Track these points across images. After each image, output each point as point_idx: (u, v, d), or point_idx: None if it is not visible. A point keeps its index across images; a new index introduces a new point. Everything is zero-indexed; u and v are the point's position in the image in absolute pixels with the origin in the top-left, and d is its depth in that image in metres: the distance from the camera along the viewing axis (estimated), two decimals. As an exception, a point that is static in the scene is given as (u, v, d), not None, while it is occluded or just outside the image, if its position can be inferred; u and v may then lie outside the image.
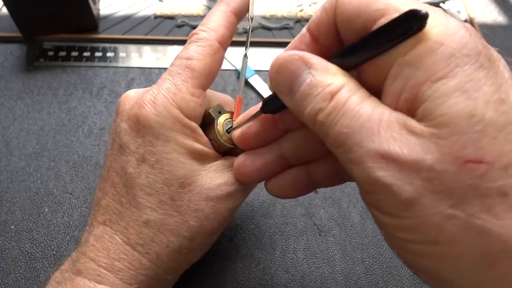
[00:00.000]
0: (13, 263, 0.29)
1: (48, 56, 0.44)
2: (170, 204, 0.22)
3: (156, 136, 0.22)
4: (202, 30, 0.23)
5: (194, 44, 0.23)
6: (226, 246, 0.30)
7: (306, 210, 0.33)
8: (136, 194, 0.22)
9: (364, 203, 0.18)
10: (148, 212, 0.22)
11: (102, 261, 0.21)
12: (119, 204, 0.22)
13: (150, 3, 0.50)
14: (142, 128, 0.22)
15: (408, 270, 0.30)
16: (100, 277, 0.21)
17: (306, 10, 0.50)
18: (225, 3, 0.24)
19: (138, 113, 0.22)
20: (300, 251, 0.30)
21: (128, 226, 0.22)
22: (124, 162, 0.22)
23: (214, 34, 0.23)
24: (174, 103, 0.22)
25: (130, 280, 0.22)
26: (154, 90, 0.23)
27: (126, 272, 0.22)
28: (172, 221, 0.22)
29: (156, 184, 0.22)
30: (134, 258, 0.22)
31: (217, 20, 0.24)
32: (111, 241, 0.22)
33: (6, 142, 0.36)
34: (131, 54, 0.44)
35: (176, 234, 0.22)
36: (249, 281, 0.29)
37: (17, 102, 0.40)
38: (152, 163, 0.22)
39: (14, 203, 0.32)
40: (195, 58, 0.23)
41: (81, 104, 0.40)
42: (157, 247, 0.22)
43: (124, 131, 0.22)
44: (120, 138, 0.23)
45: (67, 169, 0.35)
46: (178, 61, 0.23)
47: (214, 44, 0.23)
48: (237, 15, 0.24)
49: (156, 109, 0.22)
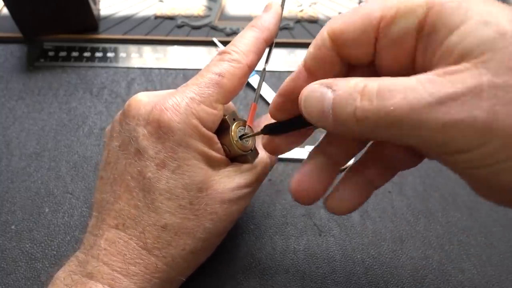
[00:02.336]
0: (13, 263, 0.29)
1: (48, 56, 0.44)
2: (189, 208, 0.23)
3: (178, 142, 0.22)
4: (235, 51, 0.25)
5: (226, 63, 0.24)
6: (226, 246, 0.30)
7: (306, 210, 0.33)
8: (155, 198, 0.22)
9: (450, 169, 0.17)
10: (167, 216, 0.22)
11: (116, 265, 0.22)
12: (134, 208, 0.22)
13: (150, 4, 0.50)
14: (163, 134, 0.22)
15: (408, 270, 0.30)
16: (114, 282, 0.21)
17: (306, 10, 0.50)
18: (260, 30, 0.26)
19: (160, 118, 0.22)
20: (300, 251, 0.30)
21: (145, 230, 0.22)
22: (142, 167, 0.22)
23: (246, 58, 0.24)
24: (196, 113, 0.23)
25: (143, 284, 0.22)
26: (177, 97, 0.23)
27: (141, 276, 0.22)
28: (190, 225, 0.23)
29: (176, 189, 0.22)
30: (150, 262, 0.22)
31: (249, 45, 0.25)
32: (126, 246, 0.22)
33: (7, 142, 0.36)
34: (131, 54, 0.44)
35: (192, 237, 0.23)
36: (249, 281, 0.29)
37: (17, 102, 0.40)
38: (173, 169, 0.22)
39: (14, 203, 0.32)
40: (226, 77, 0.24)
41: (81, 104, 0.40)
42: (173, 251, 0.22)
43: (142, 136, 0.23)
44: (137, 143, 0.23)
45: (68, 169, 0.35)
46: (208, 74, 0.24)
47: (245, 68, 0.24)
48: (267, 43, 0.26)
49: (178, 117, 0.22)
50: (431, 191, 0.34)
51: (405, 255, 0.30)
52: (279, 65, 0.44)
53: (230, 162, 0.26)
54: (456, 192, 0.34)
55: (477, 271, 0.30)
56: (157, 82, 0.42)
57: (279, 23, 0.27)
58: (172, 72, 0.43)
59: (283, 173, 0.35)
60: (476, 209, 0.33)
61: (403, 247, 0.31)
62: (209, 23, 0.48)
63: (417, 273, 0.30)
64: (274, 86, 0.41)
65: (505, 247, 0.31)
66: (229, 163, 0.25)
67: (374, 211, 0.33)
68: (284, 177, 0.35)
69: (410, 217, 0.33)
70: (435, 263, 0.30)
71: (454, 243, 0.31)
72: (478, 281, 0.29)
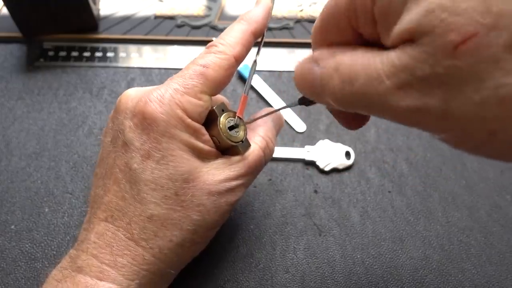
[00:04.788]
0: (13, 263, 0.29)
1: (48, 56, 0.44)
2: (174, 199, 0.23)
3: (161, 133, 0.22)
4: (221, 43, 0.25)
5: (212, 55, 0.24)
6: (226, 246, 0.30)
7: (306, 210, 0.33)
8: (141, 189, 0.22)
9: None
10: (152, 207, 0.22)
11: (105, 258, 0.22)
12: (121, 200, 0.23)
13: (150, 3, 0.50)
14: (147, 125, 0.22)
15: (408, 270, 0.30)
16: (102, 274, 0.21)
17: (306, 10, 0.50)
18: (247, 22, 0.26)
19: (144, 110, 0.22)
20: (300, 251, 0.30)
21: (131, 221, 0.22)
22: (129, 159, 0.23)
23: (232, 50, 0.24)
24: (180, 103, 0.23)
25: (132, 276, 0.22)
26: (161, 89, 0.23)
27: (129, 268, 0.22)
28: (176, 216, 0.23)
29: (161, 179, 0.22)
30: (137, 254, 0.22)
31: (237, 37, 0.25)
32: (114, 237, 0.22)
33: (6, 142, 0.36)
34: (131, 54, 0.44)
35: (179, 228, 0.23)
36: (249, 281, 0.29)
37: (17, 102, 0.40)
38: (157, 159, 0.22)
39: (14, 203, 0.32)
40: (211, 67, 0.24)
41: (81, 104, 0.40)
42: (160, 242, 0.22)
43: (128, 128, 0.23)
44: (124, 135, 0.23)
45: (67, 169, 0.35)
46: (193, 66, 0.24)
47: (231, 59, 0.24)
48: (255, 35, 0.26)
49: (162, 108, 0.22)
50: (431, 191, 0.34)
51: (405, 255, 0.30)
52: (279, 65, 0.44)
53: (220, 154, 0.25)
54: (456, 192, 0.34)
55: (477, 271, 0.30)
56: (157, 82, 0.42)
57: (269, 16, 0.27)
58: (172, 72, 0.43)
59: (283, 173, 0.35)
60: (476, 209, 0.33)
61: (403, 247, 0.31)
62: (209, 23, 0.48)
63: (417, 273, 0.30)
64: (274, 85, 0.41)
65: (505, 247, 0.31)
66: (219, 155, 0.25)
67: (374, 211, 0.33)
68: (284, 177, 0.35)
69: (410, 217, 0.33)
70: (435, 263, 0.30)
71: (454, 243, 0.31)
72: (478, 281, 0.29)
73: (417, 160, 0.36)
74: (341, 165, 0.35)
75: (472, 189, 0.34)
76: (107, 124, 0.26)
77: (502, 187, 0.35)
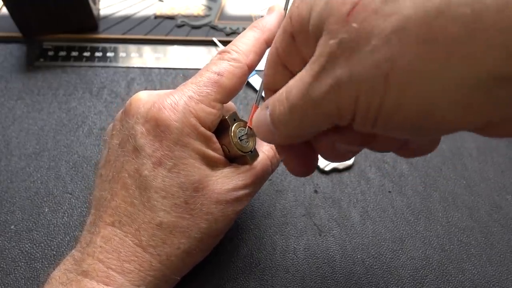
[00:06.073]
0: (13, 263, 0.29)
1: (48, 56, 0.44)
2: (184, 207, 0.23)
3: (174, 141, 0.22)
4: (235, 51, 0.25)
5: (226, 62, 0.24)
6: (226, 246, 0.30)
7: (306, 210, 0.33)
8: (151, 196, 0.22)
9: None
10: (162, 214, 0.22)
11: (111, 263, 0.22)
12: (130, 206, 0.22)
13: (150, 3, 0.50)
14: (160, 132, 0.22)
15: (408, 270, 0.30)
16: (109, 279, 0.21)
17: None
18: (261, 31, 0.26)
19: (157, 117, 0.22)
20: (300, 251, 0.30)
21: (140, 228, 0.22)
22: (139, 165, 0.22)
23: (245, 58, 0.24)
24: (194, 112, 0.23)
25: (138, 281, 0.22)
26: (175, 96, 0.23)
27: (136, 274, 0.22)
28: (185, 224, 0.23)
29: (172, 187, 0.22)
30: (144, 260, 0.22)
31: (250, 45, 0.25)
32: (122, 243, 0.22)
33: (6, 142, 0.36)
34: (131, 54, 0.44)
35: (187, 236, 0.23)
36: (249, 281, 0.29)
37: (17, 102, 0.40)
38: (169, 167, 0.22)
39: (14, 203, 0.32)
40: (225, 76, 0.24)
41: (81, 104, 0.40)
42: (168, 249, 0.22)
43: (140, 134, 0.23)
44: (135, 141, 0.23)
45: (67, 169, 0.35)
46: (207, 73, 0.24)
47: (244, 67, 0.24)
48: (268, 44, 0.26)
49: (176, 115, 0.22)
50: (431, 191, 0.34)
51: (405, 255, 0.30)
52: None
53: (229, 162, 0.25)
54: (456, 192, 0.34)
55: (477, 271, 0.30)
56: (157, 82, 0.42)
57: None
58: (172, 71, 0.43)
59: (283, 173, 0.35)
60: (476, 209, 0.33)
61: (403, 247, 0.31)
62: (209, 23, 0.48)
63: (417, 273, 0.29)
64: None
65: (505, 247, 0.31)
66: (228, 163, 0.25)
67: (374, 211, 0.33)
68: (284, 177, 0.35)
69: (410, 217, 0.33)
70: (435, 263, 0.30)
71: (454, 243, 0.31)
72: (478, 281, 0.29)
73: (417, 160, 0.36)
74: (341, 165, 0.35)
75: (472, 189, 0.34)
76: (113, 125, 0.26)
77: (503, 187, 0.35)
